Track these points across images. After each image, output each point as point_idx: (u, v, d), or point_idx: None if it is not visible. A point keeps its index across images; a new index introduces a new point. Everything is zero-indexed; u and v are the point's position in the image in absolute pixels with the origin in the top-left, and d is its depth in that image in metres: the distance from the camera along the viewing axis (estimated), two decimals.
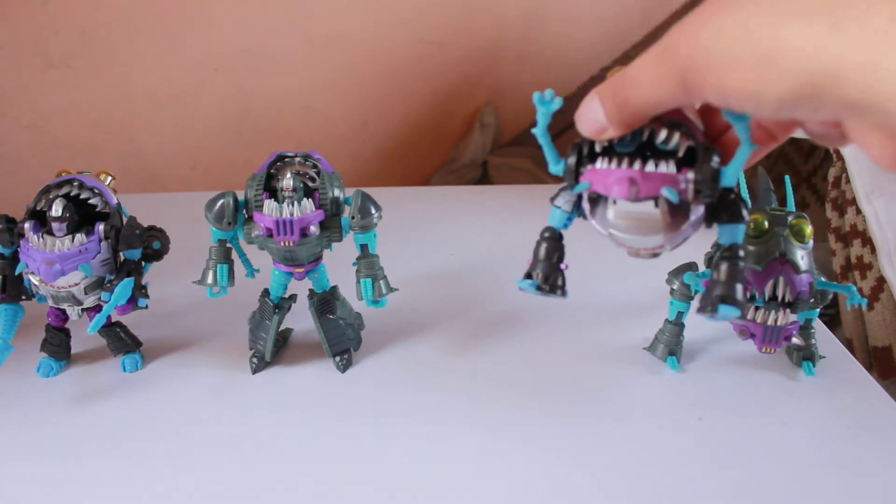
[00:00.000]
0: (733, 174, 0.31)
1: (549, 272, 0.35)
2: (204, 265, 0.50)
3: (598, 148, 0.32)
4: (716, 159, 0.31)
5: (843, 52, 0.22)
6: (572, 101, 0.34)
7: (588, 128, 0.30)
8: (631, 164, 0.31)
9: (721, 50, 0.24)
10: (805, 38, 0.22)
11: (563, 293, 0.36)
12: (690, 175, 0.31)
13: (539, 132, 0.33)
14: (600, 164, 0.31)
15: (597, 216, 0.33)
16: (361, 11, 1.40)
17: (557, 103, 0.32)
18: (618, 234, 0.32)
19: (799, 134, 0.32)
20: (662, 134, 0.31)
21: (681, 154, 0.31)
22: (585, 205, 0.33)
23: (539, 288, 0.35)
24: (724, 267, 0.32)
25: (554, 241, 0.36)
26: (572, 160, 0.33)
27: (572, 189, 0.33)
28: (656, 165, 0.31)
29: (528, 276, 0.36)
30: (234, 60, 1.34)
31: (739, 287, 0.31)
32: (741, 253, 0.32)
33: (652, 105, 0.28)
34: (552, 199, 0.36)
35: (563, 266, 0.36)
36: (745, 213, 0.32)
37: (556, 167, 0.34)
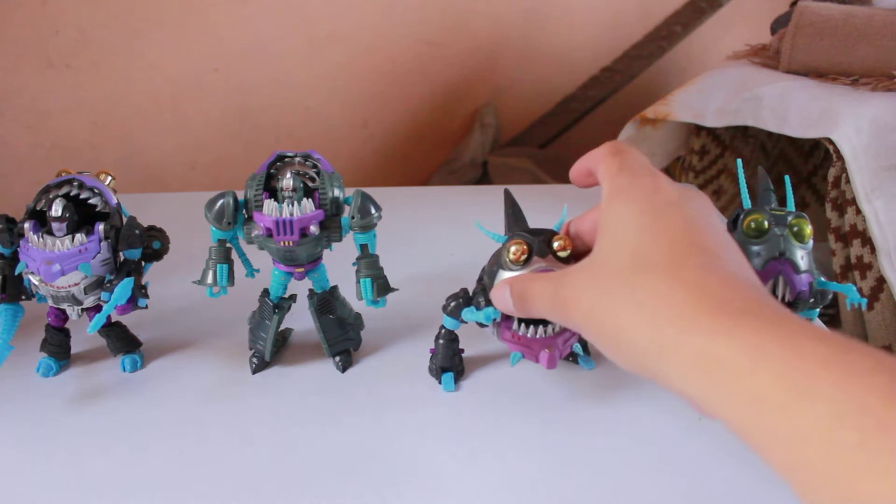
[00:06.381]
0: None
1: (459, 366, 0.52)
2: (204, 265, 0.50)
3: None
4: None
5: (665, 349, 0.28)
6: (571, 101, 0.34)
7: (499, 306, 0.40)
8: (544, 327, 0.41)
9: (587, 326, 0.33)
10: (637, 333, 0.29)
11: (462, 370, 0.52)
12: None
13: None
14: (515, 326, 0.41)
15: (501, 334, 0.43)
16: (361, 11, 1.40)
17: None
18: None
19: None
20: None
21: None
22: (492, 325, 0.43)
23: (456, 382, 0.51)
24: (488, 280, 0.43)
25: (455, 342, 0.51)
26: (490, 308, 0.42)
27: (512, 359, 0.48)
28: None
29: (444, 370, 0.51)
30: (234, 60, 1.34)
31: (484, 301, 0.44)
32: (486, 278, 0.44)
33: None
34: (445, 309, 0.48)
35: (462, 353, 0.52)
36: None
37: (471, 316, 0.44)
